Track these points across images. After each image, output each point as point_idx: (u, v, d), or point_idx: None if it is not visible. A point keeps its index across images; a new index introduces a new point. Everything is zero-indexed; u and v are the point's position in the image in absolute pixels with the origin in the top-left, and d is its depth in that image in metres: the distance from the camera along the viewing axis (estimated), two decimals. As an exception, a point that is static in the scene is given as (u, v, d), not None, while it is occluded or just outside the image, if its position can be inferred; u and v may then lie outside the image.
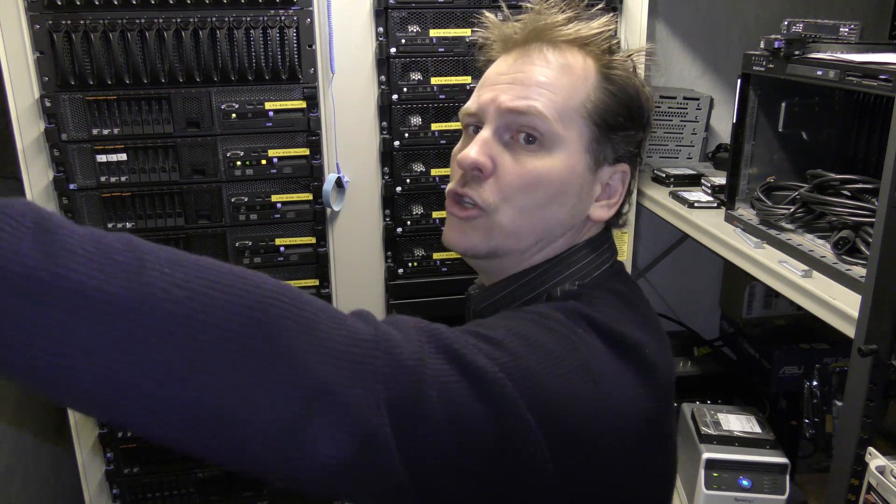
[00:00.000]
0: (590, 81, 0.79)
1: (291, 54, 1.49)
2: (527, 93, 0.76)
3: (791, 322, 1.98)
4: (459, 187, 0.78)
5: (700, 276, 2.31)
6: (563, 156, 0.77)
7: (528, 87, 0.77)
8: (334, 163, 1.57)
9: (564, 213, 0.79)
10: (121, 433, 1.62)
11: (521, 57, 0.80)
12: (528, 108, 0.76)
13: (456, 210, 0.79)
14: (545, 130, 0.76)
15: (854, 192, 1.26)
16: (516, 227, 0.78)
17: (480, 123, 0.80)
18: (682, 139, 2.05)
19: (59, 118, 1.43)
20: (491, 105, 0.78)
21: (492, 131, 0.78)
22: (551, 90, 0.77)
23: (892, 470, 1.02)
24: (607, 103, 0.79)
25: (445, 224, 0.82)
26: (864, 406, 1.07)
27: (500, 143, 0.78)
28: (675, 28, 2.16)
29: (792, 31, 1.41)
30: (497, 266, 0.82)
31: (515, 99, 0.76)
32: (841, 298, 1.15)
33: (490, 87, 0.80)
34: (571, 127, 0.77)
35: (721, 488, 1.51)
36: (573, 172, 0.78)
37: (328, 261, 1.63)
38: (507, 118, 0.77)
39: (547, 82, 0.77)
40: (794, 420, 1.74)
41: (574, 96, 0.77)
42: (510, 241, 0.79)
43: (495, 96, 0.78)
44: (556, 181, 0.77)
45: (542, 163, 0.76)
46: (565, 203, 0.79)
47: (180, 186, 1.52)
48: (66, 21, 1.38)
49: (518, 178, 0.76)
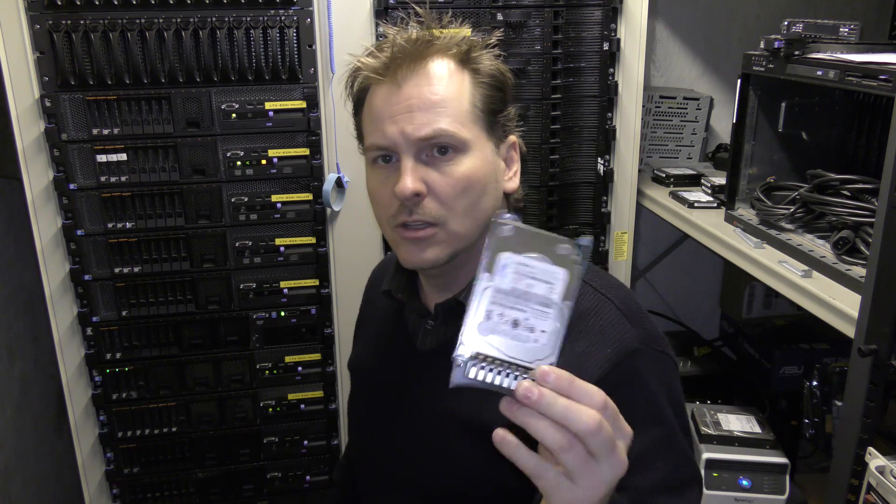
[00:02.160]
0: (466, 82, 0.87)
1: (291, 54, 1.49)
2: (428, 118, 0.84)
3: (791, 322, 1.98)
4: (408, 217, 0.85)
5: (700, 276, 2.31)
6: (476, 152, 0.86)
7: (426, 110, 0.84)
8: (334, 163, 1.57)
9: (492, 199, 0.89)
10: (121, 433, 1.62)
11: (400, 82, 0.86)
12: (436, 132, 0.84)
13: (410, 234, 0.86)
14: (455, 141, 0.85)
15: (854, 192, 1.26)
16: (465, 228, 0.87)
17: (391, 153, 0.86)
18: (682, 139, 2.05)
19: (59, 118, 1.43)
20: (399, 137, 0.84)
21: (412, 158, 0.85)
22: (445, 105, 0.85)
23: (892, 470, 1.02)
24: (486, 94, 0.88)
25: (400, 249, 0.89)
26: (864, 406, 1.07)
27: (421, 165, 0.85)
28: (675, 28, 2.16)
29: (792, 31, 1.41)
30: (455, 265, 0.90)
31: (422, 127, 0.83)
32: (841, 298, 1.15)
33: (389, 120, 0.85)
34: (472, 127, 0.86)
35: (721, 488, 1.51)
36: (487, 162, 0.88)
37: (328, 261, 1.63)
38: (420, 144, 0.84)
39: (438, 99, 0.85)
40: (794, 420, 1.74)
41: (463, 101, 0.86)
42: (463, 241, 0.88)
43: (401, 128, 0.84)
44: (481, 175, 0.86)
45: (464, 166, 0.85)
46: (490, 190, 0.89)
47: (180, 186, 1.52)
48: (67, 21, 1.38)
49: (451, 188, 0.85)
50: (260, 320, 1.63)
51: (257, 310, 1.62)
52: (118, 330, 1.57)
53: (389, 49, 0.88)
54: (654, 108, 2.01)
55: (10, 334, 1.75)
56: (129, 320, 1.57)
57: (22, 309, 1.80)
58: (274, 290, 1.62)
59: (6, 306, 1.74)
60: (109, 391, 1.59)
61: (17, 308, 1.79)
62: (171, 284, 1.57)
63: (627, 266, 1.79)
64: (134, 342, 1.59)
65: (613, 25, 1.61)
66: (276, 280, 1.61)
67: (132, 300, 1.56)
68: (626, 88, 1.66)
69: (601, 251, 1.75)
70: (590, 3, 1.59)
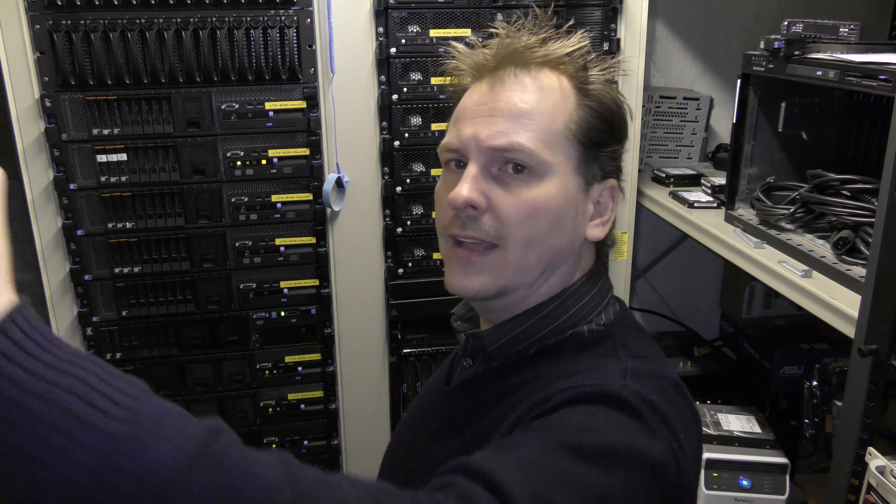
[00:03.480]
0: (569, 102, 0.77)
1: (291, 54, 1.49)
2: (508, 126, 0.74)
3: (791, 322, 1.98)
4: (460, 230, 0.75)
5: (700, 276, 2.31)
6: (556, 181, 0.75)
7: (509, 118, 0.74)
8: (334, 163, 1.57)
9: (565, 239, 0.77)
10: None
11: (495, 84, 0.77)
12: (511, 144, 0.73)
13: (462, 253, 0.76)
14: (533, 161, 0.74)
15: (854, 192, 1.26)
16: (524, 261, 0.75)
17: (463, 158, 0.77)
18: (682, 139, 2.05)
19: (59, 118, 1.43)
20: (472, 141, 0.75)
21: (478, 167, 0.75)
22: (532, 118, 0.75)
23: (892, 470, 1.02)
24: (590, 121, 0.77)
25: (447, 268, 0.79)
26: (864, 406, 1.07)
27: (489, 177, 0.75)
28: (675, 28, 2.16)
29: (792, 31, 1.41)
30: (504, 304, 0.79)
31: (498, 136, 0.74)
32: (841, 298, 1.15)
33: (470, 121, 0.77)
34: (558, 151, 0.75)
35: (721, 488, 1.51)
36: (567, 196, 0.76)
37: (328, 261, 1.63)
38: (492, 154, 0.75)
39: (527, 110, 0.75)
40: (794, 420, 1.74)
41: (556, 119, 0.76)
42: (519, 276, 0.76)
43: (476, 132, 0.75)
44: (554, 207, 0.75)
45: (537, 191, 0.74)
46: (565, 228, 0.77)
47: (180, 186, 1.52)
48: (67, 21, 1.38)
49: (516, 210, 0.74)
50: (260, 320, 1.63)
51: (257, 310, 1.62)
52: (118, 330, 1.57)
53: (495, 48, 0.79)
54: (654, 108, 2.01)
55: (10, 334, 1.75)
56: (129, 320, 1.57)
57: (22, 309, 1.80)
58: (274, 290, 1.62)
59: (6, 306, 1.74)
60: (109, 391, 1.59)
61: (17, 308, 1.78)
62: (171, 284, 1.57)
63: (627, 266, 1.79)
64: (134, 342, 1.59)
65: (613, 25, 1.61)
66: (276, 280, 1.61)
67: (132, 300, 1.56)
68: (626, 88, 1.65)
69: (601, 251, 1.75)
70: (590, 3, 1.59)
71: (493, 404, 0.77)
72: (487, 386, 0.80)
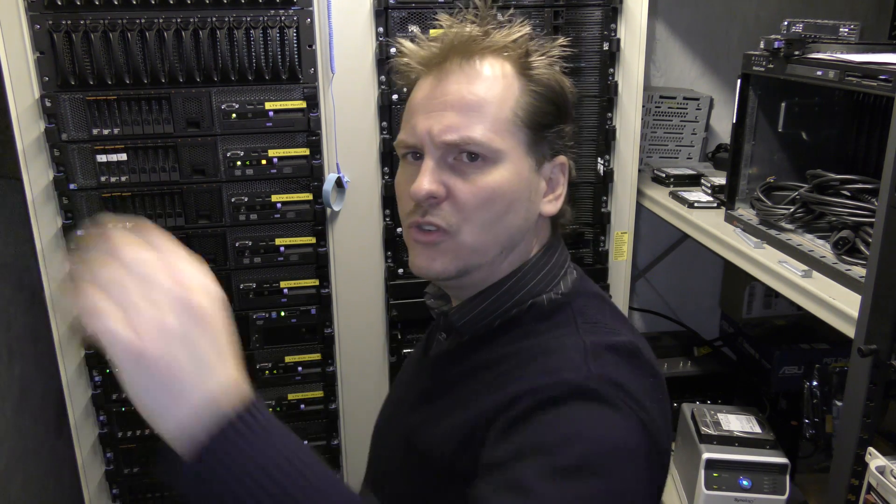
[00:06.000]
0: (515, 88, 0.81)
1: (291, 54, 1.49)
2: (459, 120, 0.78)
3: (791, 322, 1.98)
4: (421, 217, 0.80)
5: (700, 276, 2.31)
6: (509, 165, 0.80)
7: (459, 112, 0.78)
8: (334, 163, 1.57)
9: (521, 218, 0.82)
10: (121, 433, 1.62)
11: (442, 77, 0.81)
12: (463, 139, 0.78)
13: (420, 236, 0.81)
14: (486, 150, 0.79)
15: (854, 192, 1.26)
16: (480, 242, 0.80)
17: (419, 151, 0.81)
18: (681, 139, 2.05)
19: (59, 118, 1.43)
20: (426, 136, 0.79)
21: (435, 160, 0.80)
22: (481, 109, 0.79)
23: (892, 470, 1.02)
24: (536, 105, 0.81)
25: (410, 253, 0.84)
26: (864, 406, 1.07)
27: (446, 167, 0.80)
28: (675, 28, 2.16)
29: (792, 31, 1.41)
30: (468, 282, 0.85)
31: (449, 131, 0.78)
32: (841, 298, 1.15)
33: (423, 116, 0.81)
34: (508, 137, 0.80)
35: (721, 488, 1.51)
36: (521, 178, 0.81)
37: (328, 261, 1.63)
38: (446, 147, 0.79)
39: (475, 101, 0.79)
40: (794, 420, 1.74)
41: (504, 107, 0.80)
42: (476, 256, 0.81)
43: (429, 127, 0.79)
44: (509, 191, 0.80)
45: (492, 177, 0.79)
46: (519, 209, 0.82)
47: (180, 186, 1.52)
48: (67, 21, 1.38)
49: (473, 197, 0.79)
50: (260, 320, 1.63)
51: (257, 310, 1.62)
52: (118, 330, 1.57)
53: (440, 41, 0.83)
54: (654, 108, 2.01)
55: (10, 334, 1.75)
56: (129, 320, 1.57)
57: (22, 309, 1.80)
58: (274, 290, 1.62)
59: (6, 306, 1.74)
60: (109, 391, 1.59)
61: (17, 308, 1.79)
62: (171, 284, 1.57)
63: (627, 266, 1.79)
64: (134, 342, 1.58)
65: (613, 25, 1.61)
66: (276, 280, 1.61)
67: (132, 300, 1.56)
68: (626, 88, 1.66)
69: (601, 251, 1.75)
70: (590, 3, 1.59)
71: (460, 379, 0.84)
72: (458, 362, 0.86)
